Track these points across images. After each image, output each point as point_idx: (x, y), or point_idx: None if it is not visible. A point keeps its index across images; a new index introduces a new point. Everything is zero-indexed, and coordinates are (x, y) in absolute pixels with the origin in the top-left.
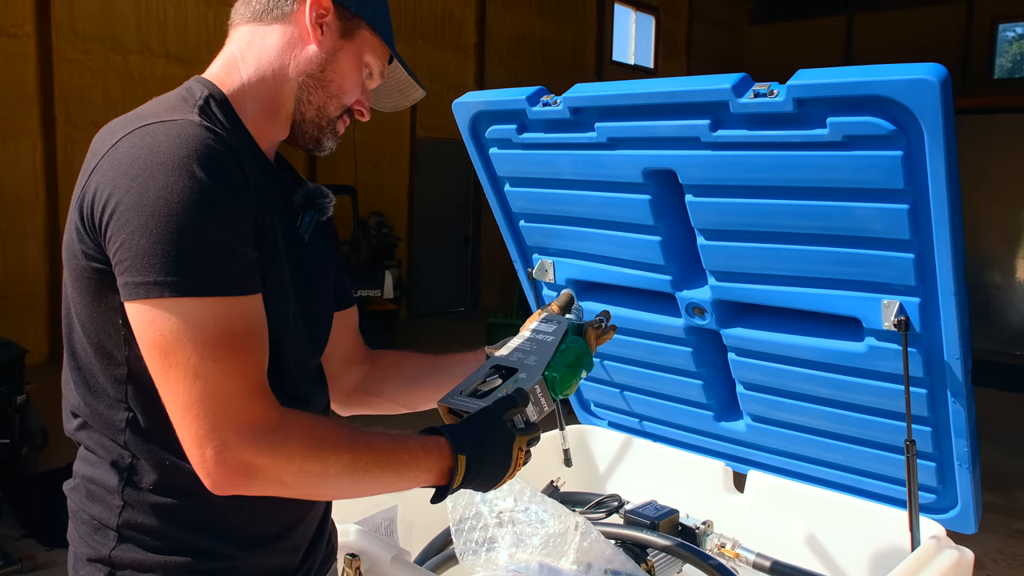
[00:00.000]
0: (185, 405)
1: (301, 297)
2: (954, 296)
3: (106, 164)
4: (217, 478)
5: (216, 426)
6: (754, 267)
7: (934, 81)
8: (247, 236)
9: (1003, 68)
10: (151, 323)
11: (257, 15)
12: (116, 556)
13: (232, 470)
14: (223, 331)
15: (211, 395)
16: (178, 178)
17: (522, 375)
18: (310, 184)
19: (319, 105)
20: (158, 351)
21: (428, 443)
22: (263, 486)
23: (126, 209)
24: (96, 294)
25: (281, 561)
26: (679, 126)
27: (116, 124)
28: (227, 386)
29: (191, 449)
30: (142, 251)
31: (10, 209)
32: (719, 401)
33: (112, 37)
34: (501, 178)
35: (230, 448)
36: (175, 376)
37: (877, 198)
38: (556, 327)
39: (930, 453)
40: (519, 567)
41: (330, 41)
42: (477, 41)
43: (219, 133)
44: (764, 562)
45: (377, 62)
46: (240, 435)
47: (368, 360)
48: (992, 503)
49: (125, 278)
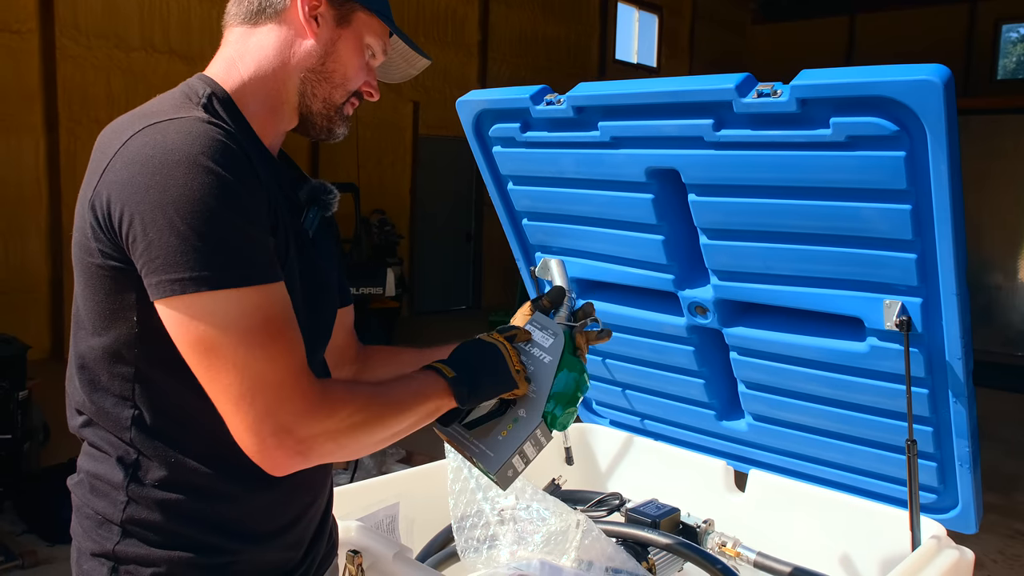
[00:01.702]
0: (238, 396)
1: (307, 292)
2: (956, 296)
3: (119, 164)
4: (279, 459)
5: (271, 411)
6: (756, 266)
7: (937, 82)
8: (266, 226)
9: (1006, 69)
10: (190, 320)
11: (251, 16)
12: (120, 551)
13: (292, 449)
14: (262, 319)
15: (262, 383)
16: (196, 174)
17: (521, 412)
18: (314, 180)
19: (325, 96)
20: (201, 347)
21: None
22: (322, 455)
23: (148, 209)
24: (110, 291)
25: (283, 556)
26: (682, 125)
27: (122, 122)
28: (275, 372)
29: (246, 437)
30: (172, 248)
31: (12, 205)
32: (721, 400)
33: (115, 33)
34: (504, 176)
35: (288, 431)
36: (222, 370)
37: (880, 198)
38: (553, 342)
39: (931, 453)
40: (520, 565)
41: (327, 32)
42: (480, 39)
43: (227, 129)
44: (765, 561)
45: (378, 40)
46: (296, 415)
47: (359, 358)
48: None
49: (157, 276)
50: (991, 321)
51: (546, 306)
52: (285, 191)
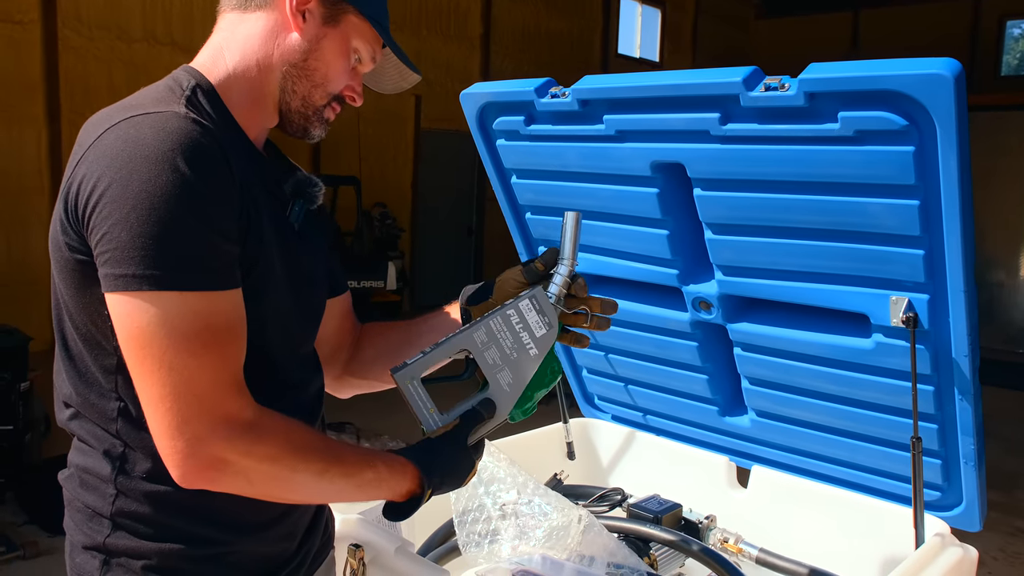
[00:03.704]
0: (159, 397)
1: (292, 285)
2: (963, 293)
3: (91, 156)
4: (186, 471)
5: (189, 419)
6: (762, 262)
7: (948, 76)
8: (229, 231)
9: (1010, 65)
10: (129, 315)
11: (242, 2)
12: (111, 543)
13: (202, 464)
14: (201, 326)
15: (186, 389)
16: (161, 172)
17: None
18: (300, 173)
19: (304, 95)
20: (135, 343)
21: (395, 466)
22: (230, 483)
23: (108, 201)
24: (81, 285)
25: (276, 548)
26: (689, 119)
27: (102, 115)
28: (202, 380)
29: (162, 440)
30: (122, 244)
31: (14, 197)
32: (724, 396)
33: (117, 25)
34: (508, 170)
35: (202, 442)
36: (150, 368)
37: (888, 194)
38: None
39: (936, 450)
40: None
41: (313, 29)
42: (483, 33)
43: (205, 125)
44: (767, 558)
45: (367, 46)
46: (213, 430)
47: (355, 343)
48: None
49: (105, 270)
50: (993, 318)
51: (539, 270)
52: (269, 185)
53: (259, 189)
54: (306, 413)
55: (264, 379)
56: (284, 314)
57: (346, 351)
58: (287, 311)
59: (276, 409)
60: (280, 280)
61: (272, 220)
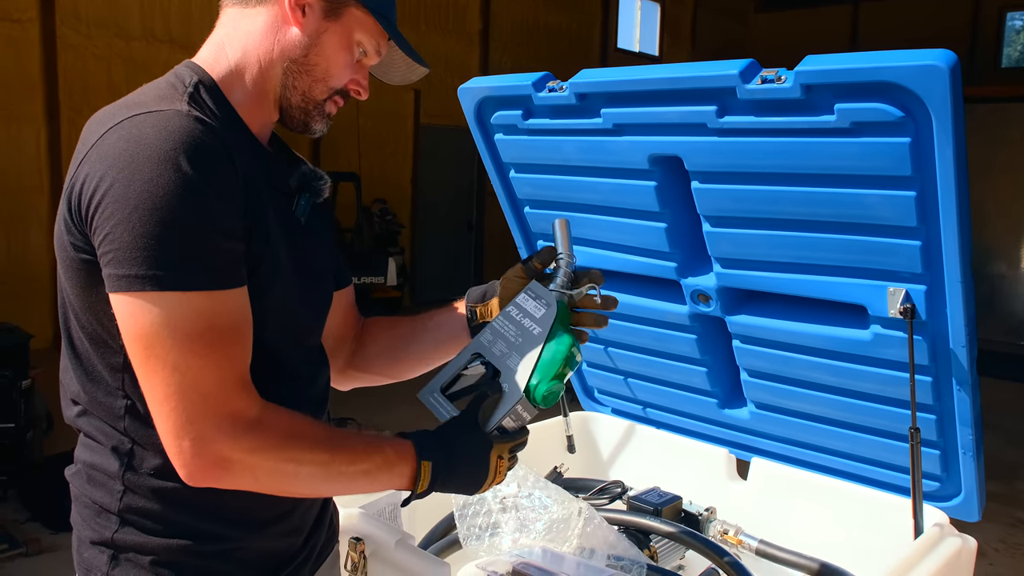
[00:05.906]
0: (164, 396)
1: (300, 280)
2: (960, 284)
3: (94, 156)
4: (193, 470)
5: (194, 419)
6: (760, 254)
7: (943, 67)
8: (233, 230)
9: (1010, 58)
10: (133, 316)
11: None
12: (118, 539)
13: (208, 463)
14: (205, 325)
15: (190, 388)
16: (164, 171)
17: (504, 386)
18: (305, 167)
19: (304, 90)
20: (139, 343)
21: (401, 448)
22: (237, 480)
23: (112, 201)
24: (87, 285)
25: (283, 544)
26: (686, 112)
27: (105, 113)
28: (207, 380)
29: (168, 440)
30: (126, 244)
31: (13, 195)
32: (723, 388)
33: (115, 23)
34: (506, 164)
35: (207, 441)
36: (155, 368)
37: (884, 185)
38: (544, 313)
39: (934, 441)
40: (522, 552)
41: (313, 23)
42: (482, 28)
43: (208, 123)
44: (767, 549)
45: (371, 40)
46: (218, 428)
47: (358, 336)
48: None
49: (109, 270)
50: (993, 310)
51: (536, 268)
52: (274, 181)
53: (264, 185)
54: (314, 406)
55: (271, 374)
56: (291, 309)
57: (350, 344)
58: (294, 306)
59: (285, 403)
60: (287, 275)
61: (278, 215)
